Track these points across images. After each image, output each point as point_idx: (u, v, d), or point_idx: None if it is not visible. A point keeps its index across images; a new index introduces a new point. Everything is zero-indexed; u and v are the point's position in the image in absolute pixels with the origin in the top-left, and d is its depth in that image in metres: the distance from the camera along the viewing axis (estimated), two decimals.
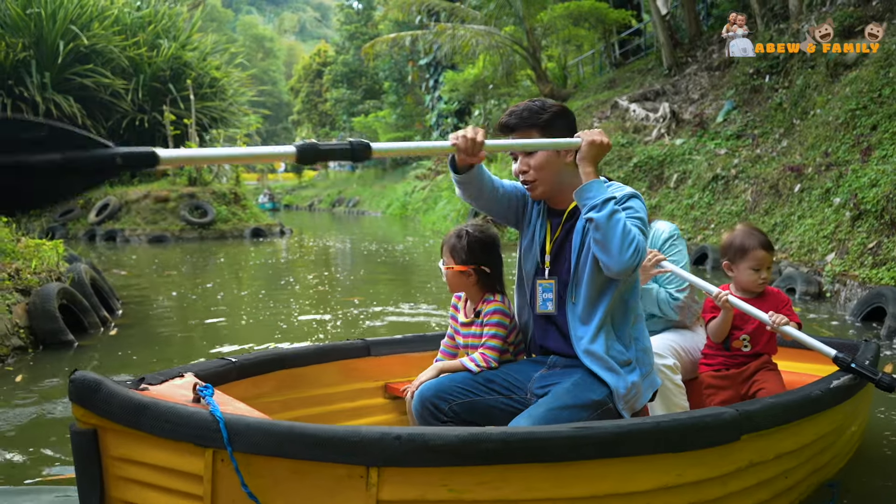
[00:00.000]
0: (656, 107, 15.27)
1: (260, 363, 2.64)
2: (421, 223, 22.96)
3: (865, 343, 2.87)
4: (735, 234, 2.74)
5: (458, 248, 2.52)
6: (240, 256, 13.51)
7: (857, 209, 7.16)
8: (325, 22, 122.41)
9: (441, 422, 2.22)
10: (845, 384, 2.39)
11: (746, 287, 2.71)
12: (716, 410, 1.97)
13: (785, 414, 2.10)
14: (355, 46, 46.12)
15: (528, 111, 2.20)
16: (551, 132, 2.18)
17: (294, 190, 56.36)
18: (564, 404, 2.04)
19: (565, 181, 2.23)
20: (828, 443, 2.51)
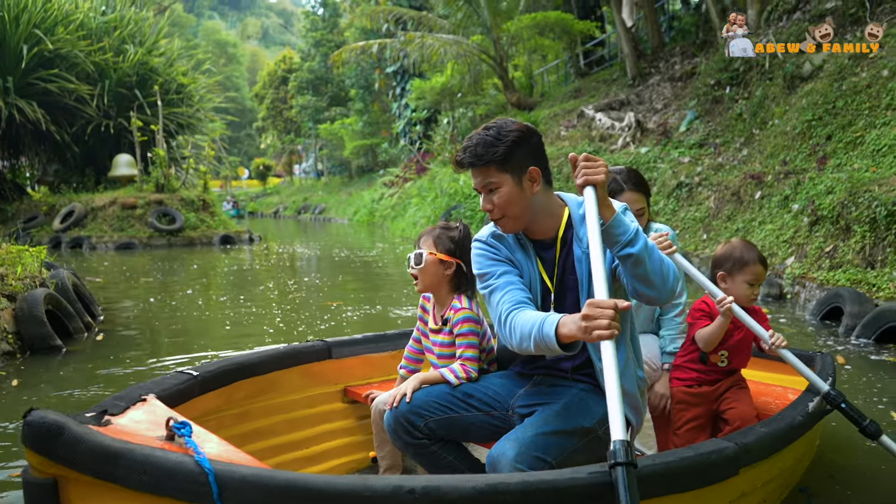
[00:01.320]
0: (621, 116, 15.69)
1: (222, 374, 2.50)
2: (389, 230, 23.08)
3: (822, 356, 2.88)
4: (734, 246, 2.68)
5: (444, 238, 2.47)
6: (213, 263, 13.49)
7: (815, 215, 7.54)
8: (288, 28, 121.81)
9: (416, 439, 2.11)
10: (819, 407, 2.39)
11: (737, 301, 2.60)
12: (718, 445, 1.87)
13: (775, 443, 2.08)
14: (321, 53, 46.14)
15: (482, 146, 1.99)
16: (511, 165, 2.00)
17: (258, 197, 56.00)
18: (554, 429, 1.91)
19: (539, 210, 2.09)
20: (803, 458, 2.63)
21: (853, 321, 5.54)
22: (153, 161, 18.38)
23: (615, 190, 2.67)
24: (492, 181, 2.01)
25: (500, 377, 2.30)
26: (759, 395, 2.83)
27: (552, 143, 16.19)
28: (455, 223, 2.55)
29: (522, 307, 1.99)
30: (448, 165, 21.16)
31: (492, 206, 2.04)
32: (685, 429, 2.64)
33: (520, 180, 2.02)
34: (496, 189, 2.02)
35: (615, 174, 2.71)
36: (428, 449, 2.12)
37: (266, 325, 6.50)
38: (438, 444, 2.13)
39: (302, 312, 7.24)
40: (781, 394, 2.93)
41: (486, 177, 2.01)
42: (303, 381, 2.87)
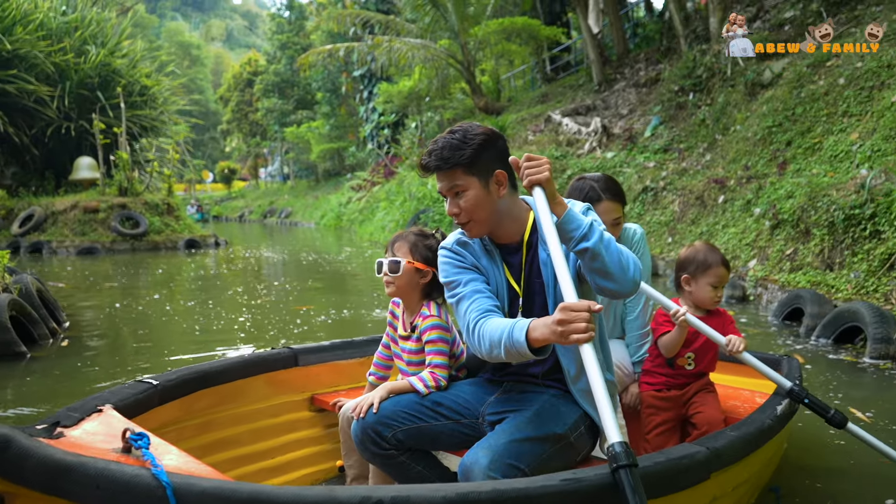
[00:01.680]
0: (588, 121, 15.90)
1: (183, 383, 2.44)
2: (357, 234, 23.01)
3: (788, 359, 2.90)
4: (697, 249, 2.70)
5: (420, 246, 2.45)
6: (180, 267, 13.31)
7: (776, 219, 7.74)
8: (253, 30, 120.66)
9: (384, 450, 2.07)
10: (787, 409, 2.41)
11: (701, 303, 2.68)
12: (689, 451, 1.86)
13: (746, 447, 2.09)
14: (287, 56, 45.81)
15: (448, 149, 1.97)
16: (477, 168, 1.98)
17: (223, 200, 55.32)
18: (526, 436, 1.89)
19: (505, 213, 2.06)
20: (772, 460, 2.66)
21: (813, 322, 5.71)
22: (116, 164, 18.06)
23: (593, 199, 2.65)
24: (458, 184, 1.99)
25: (469, 384, 2.27)
26: (727, 399, 2.85)
27: (520, 147, 16.33)
28: (431, 231, 2.54)
29: (490, 315, 1.98)
30: (417, 169, 21.18)
31: (458, 210, 2.01)
32: (655, 433, 2.66)
33: (486, 183, 2.00)
34: (462, 192, 1.99)
35: (592, 182, 2.70)
36: (396, 459, 2.09)
37: (237, 330, 6.45)
38: (407, 454, 2.10)
39: (272, 317, 7.20)
40: (749, 397, 2.97)
41: (452, 180, 1.99)
42: (268, 390, 2.82)
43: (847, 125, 8.67)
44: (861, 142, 7.85)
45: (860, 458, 3.03)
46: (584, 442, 2.08)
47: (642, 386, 2.75)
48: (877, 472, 2.89)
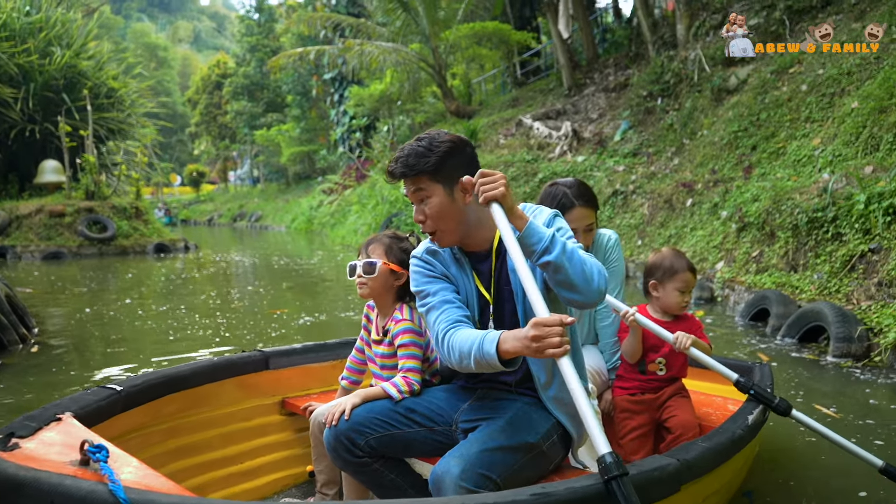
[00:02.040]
0: (558, 125, 16.08)
1: (148, 388, 2.38)
2: (329, 238, 22.93)
3: (760, 366, 2.93)
4: (664, 255, 2.72)
5: (395, 249, 2.45)
6: (150, 272, 13.16)
7: (742, 222, 7.93)
8: (221, 32, 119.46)
9: (356, 458, 2.05)
10: (759, 418, 2.42)
11: (669, 308, 2.70)
12: (660, 462, 1.85)
13: (717, 458, 2.09)
14: (256, 59, 45.48)
15: (413, 156, 1.97)
16: (442, 175, 1.98)
17: (191, 204, 54.69)
18: (498, 445, 1.87)
19: (474, 222, 2.05)
20: (744, 467, 2.67)
21: (779, 322, 5.88)
22: (83, 167, 17.77)
23: (565, 205, 2.64)
24: (423, 191, 1.98)
25: (443, 391, 2.26)
26: (699, 406, 2.87)
27: (491, 151, 16.46)
28: (406, 234, 2.55)
29: (460, 326, 1.98)
30: (384, 175, 21.19)
31: (424, 218, 2.01)
32: (629, 437, 2.66)
33: (451, 191, 1.99)
34: (427, 199, 1.99)
35: (565, 188, 2.68)
36: (370, 467, 2.08)
37: (211, 335, 6.42)
38: (380, 461, 2.09)
39: (247, 321, 7.19)
40: (721, 404, 2.99)
41: (416, 186, 1.98)
42: (238, 394, 2.78)
43: (809, 130, 8.92)
44: (823, 147, 8.09)
45: (831, 457, 3.09)
46: (557, 451, 2.07)
47: (616, 391, 2.75)
48: (847, 468, 2.91)
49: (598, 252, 2.82)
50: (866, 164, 6.68)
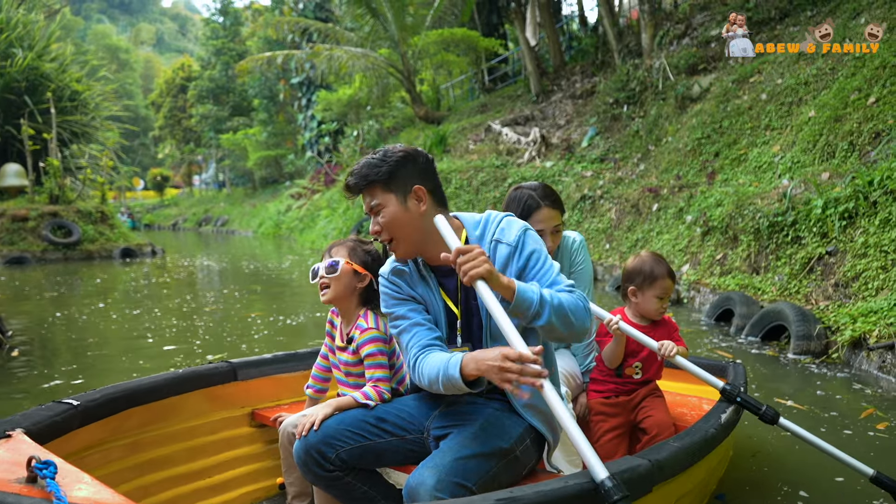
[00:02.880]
0: (527, 131, 16.34)
1: (107, 402, 2.29)
2: (298, 242, 22.89)
3: (734, 365, 2.93)
4: (643, 261, 2.68)
5: (359, 251, 2.43)
6: (119, 277, 13.04)
7: (706, 226, 8.22)
8: (185, 34, 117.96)
9: (327, 471, 2.01)
10: (732, 417, 2.41)
11: (647, 314, 2.68)
12: (631, 464, 1.83)
13: (689, 458, 2.07)
14: (222, 62, 45.15)
15: (366, 167, 1.98)
16: (395, 183, 1.97)
17: (155, 208, 53.97)
18: (472, 453, 1.85)
19: (430, 231, 2.00)
20: (717, 468, 2.65)
21: (742, 321, 6.14)
22: (46, 171, 17.51)
23: (531, 207, 2.62)
24: (376, 202, 1.97)
25: (413, 399, 2.23)
26: (674, 406, 2.85)
27: (461, 156, 16.65)
28: (370, 239, 2.47)
29: (429, 350, 1.98)
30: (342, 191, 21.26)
31: (379, 228, 1.99)
32: (605, 439, 2.65)
33: (405, 199, 1.97)
34: (381, 210, 1.97)
35: (530, 190, 2.66)
36: (342, 481, 2.05)
37: (190, 337, 6.46)
38: (351, 474, 2.06)
39: (225, 325, 7.23)
40: (696, 404, 3.01)
41: (371, 198, 1.97)
42: (205, 406, 2.71)
43: (769, 138, 9.27)
44: (782, 154, 8.42)
45: (804, 458, 3.15)
46: (530, 455, 2.06)
47: (590, 394, 2.75)
48: (820, 471, 2.95)
49: (564, 254, 2.80)
50: (823, 171, 7.00)
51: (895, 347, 4.48)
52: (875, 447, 3.34)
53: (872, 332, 4.77)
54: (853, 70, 8.18)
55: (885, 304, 4.89)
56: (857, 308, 5.14)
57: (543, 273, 1.98)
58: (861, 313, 5.02)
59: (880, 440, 3.44)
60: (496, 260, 2.02)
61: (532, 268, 1.99)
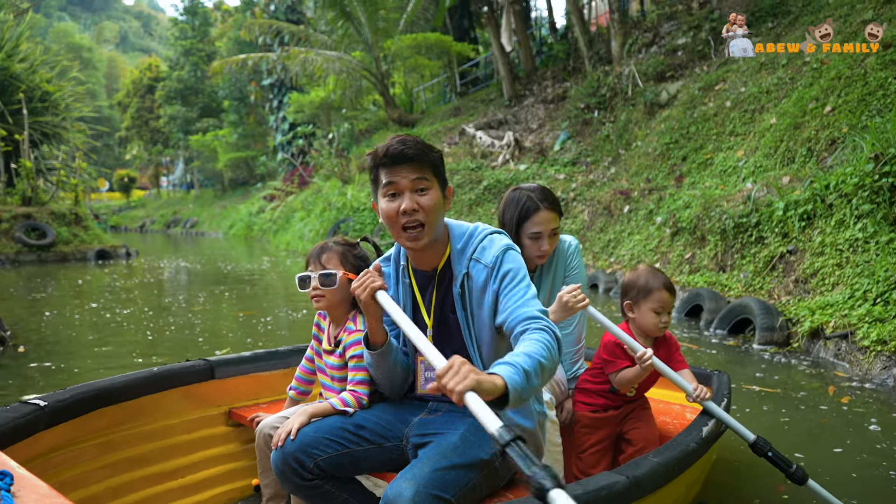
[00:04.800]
0: (500, 135, 16.75)
1: (76, 402, 2.24)
2: (272, 244, 22.98)
3: (718, 375, 2.92)
4: (638, 273, 2.61)
5: (349, 257, 2.37)
6: (101, 278, 13.08)
7: (675, 227, 8.67)
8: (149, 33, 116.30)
9: (306, 480, 1.98)
10: (713, 430, 2.37)
11: (646, 330, 2.57)
12: (609, 480, 1.80)
13: (669, 473, 2.04)
14: (191, 63, 44.85)
15: (421, 144, 1.93)
16: (439, 174, 1.98)
17: (122, 210, 53.28)
18: (452, 464, 1.81)
19: (437, 234, 2.01)
20: (697, 480, 2.63)
21: (711, 316, 6.59)
22: (18, 172, 17.39)
23: (530, 208, 2.58)
24: (426, 180, 1.92)
25: (393, 405, 2.20)
26: (657, 415, 2.84)
27: None
28: (353, 240, 2.47)
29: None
30: (332, 179, 21.45)
31: (417, 207, 1.91)
32: (590, 452, 2.62)
33: (443, 191, 1.98)
34: (427, 190, 1.92)
35: (529, 192, 2.62)
36: (321, 489, 2.02)
37: (188, 333, 6.68)
38: (330, 482, 2.03)
39: (221, 323, 7.47)
40: (679, 413, 3.00)
41: (422, 174, 1.91)
42: (181, 405, 2.66)
43: (734, 143, 9.79)
44: (746, 158, 8.93)
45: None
46: (509, 467, 1.97)
47: (578, 405, 2.68)
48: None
49: (560, 259, 2.75)
50: (784, 175, 7.50)
51: (849, 337, 4.94)
52: (842, 413, 3.88)
53: (829, 323, 5.24)
54: (811, 80, 8.72)
55: (840, 298, 5.36)
56: (815, 302, 5.61)
57: (513, 293, 1.91)
58: (819, 306, 5.49)
59: (847, 409, 3.95)
60: (475, 279, 1.97)
61: (505, 287, 1.93)
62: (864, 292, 5.15)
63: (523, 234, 2.58)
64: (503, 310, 1.90)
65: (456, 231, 2.05)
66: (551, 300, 2.62)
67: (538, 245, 2.58)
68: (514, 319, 1.85)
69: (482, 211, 13.79)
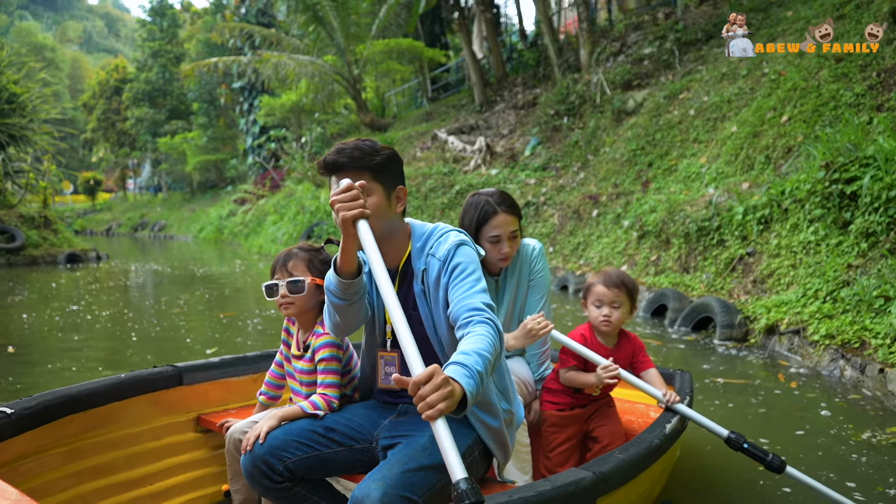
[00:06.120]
0: (472, 140, 17.05)
1: (43, 410, 2.24)
2: (243, 247, 22.99)
3: (681, 374, 3.00)
4: (592, 275, 2.77)
5: (316, 262, 2.39)
6: (74, 282, 13.07)
7: (642, 230, 9.03)
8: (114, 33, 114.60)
9: (276, 483, 2.00)
10: (676, 427, 2.43)
11: (593, 322, 2.70)
12: (576, 476, 1.86)
13: (633, 469, 2.08)
14: (159, 64, 44.47)
15: (359, 151, 1.96)
16: (384, 176, 1.99)
17: (87, 213, 52.44)
18: (420, 465, 1.83)
19: (392, 233, 2.04)
20: (662, 476, 2.71)
21: (675, 314, 6.95)
22: None
23: (488, 212, 2.62)
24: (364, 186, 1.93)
25: (363, 408, 2.23)
26: (623, 414, 2.90)
27: (409, 163, 17.21)
28: (318, 245, 2.50)
29: None
30: (305, 182, 21.56)
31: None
32: (558, 451, 2.68)
33: (389, 195, 2.01)
34: (366, 196, 1.94)
35: (487, 196, 2.67)
36: (291, 491, 2.03)
37: (175, 334, 6.83)
38: (301, 484, 2.04)
39: (206, 324, 7.61)
40: (644, 411, 3.06)
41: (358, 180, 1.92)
42: (149, 412, 2.66)
43: (697, 150, 10.21)
44: (708, 165, 9.35)
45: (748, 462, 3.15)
46: (478, 467, 2.06)
47: (545, 405, 2.75)
48: (766, 475, 3.03)
49: (525, 262, 2.79)
50: (743, 181, 7.91)
51: (801, 332, 5.32)
52: (794, 397, 4.29)
53: (783, 319, 5.62)
54: (769, 90, 9.17)
55: (793, 297, 5.74)
56: (771, 300, 5.99)
57: (460, 282, 1.95)
58: (774, 304, 5.87)
59: (797, 395, 4.35)
60: (431, 273, 2.02)
61: (453, 280, 1.97)
62: (815, 291, 5.53)
63: (483, 239, 2.62)
64: (451, 299, 1.94)
65: (417, 230, 2.10)
66: (516, 303, 2.75)
67: (498, 248, 2.62)
68: (459, 309, 1.89)
69: (455, 215, 14.07)
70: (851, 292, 5.07)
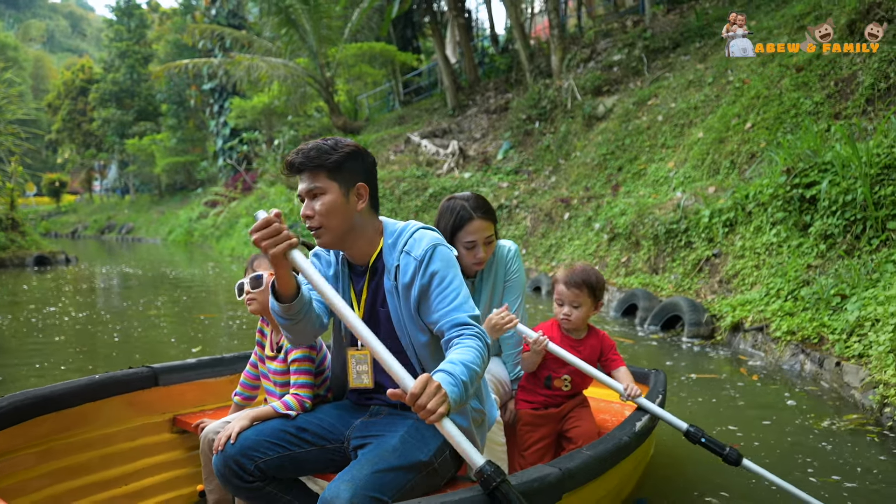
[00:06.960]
0: (445, 143, 17.23)
1: (14, 410, 2.24)
2: (214, 249, 22.87)
3: (655, 373, 3.05)
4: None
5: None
6: (44, 284, 12.94)
7: (612, 233, 9.29)
8: (78, 32, 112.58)
9: (248, 483, 2.00)
10: (647, 425, 2.46)
11: (556, 318, 2.78)
12: (542, 472, 1.88)
13: (601, 465, 2.10)
14: (127, 65, 43.92)
15: (316, 150, 1.96)
16: (341, 174, 1.97)
17: (51, 215, 51.50)
18: (390, 466, 1.84)
19: (358, 230, 2.03)
20: (633, 474, 2.75)
21: (645, 314, 7.20)
22: None
23: (464, 217, 2.63)
24: (318, 187, 1.95)
25: (335, 408, 2.23)
26: (597, 413, 2.93)
27: (382, 166, 17.33)
28: None
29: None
30: (278, 184, 21.54)
31: (312, 213, 1.96)
32: (532, 450, 2.71)
33: (347, 192, 1.98)
34: (320, 195, 1.95)
35: (463, 201, 2.67)
36: (263, 491, 2.04)
37: (156, 335, 6.88)
38: (273, 484, 2.06)
39: (187, 325, 7.66)
40: (619, 411, 3.09)
41: (313, 181, 1.95)
42: (123, 412, 2.67)
43: (665, 155, 10.52)
44: (676, 169, 9.65)
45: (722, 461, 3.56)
46: (449, 467, 2.06)
47: (519, 403, 2.78)
48: (739, 474, 2.99)
49: (500, 264, 2.81)
50: (710, 185, 8.21)
51: (764, 329, 5.59)
52: (757, 390, 4.52)
53: (747, 318, 5.89)
54: (734, 98, 9.50)
55: (757, 296, 6.02)
56: (736, 299, 6.27)
57: (445, 296, 1.97)
58: (739, 303, 6.14)
59: (760, 387, 4.57)
60: (403, 271, 2.02)
61: (434, 289, 1.98)
62: (777, 290, 5.81)
63: (458, 243, 2.62)
64: (435, 310, 1.96)
65: (389, 228, 2.09)
66: (493, 304, 2.79)
67: (473, 253, 2.64)
68: (446, 324, 1.94)
69: (429, 217, 14.22)
70: (811, 291, 5.35)
